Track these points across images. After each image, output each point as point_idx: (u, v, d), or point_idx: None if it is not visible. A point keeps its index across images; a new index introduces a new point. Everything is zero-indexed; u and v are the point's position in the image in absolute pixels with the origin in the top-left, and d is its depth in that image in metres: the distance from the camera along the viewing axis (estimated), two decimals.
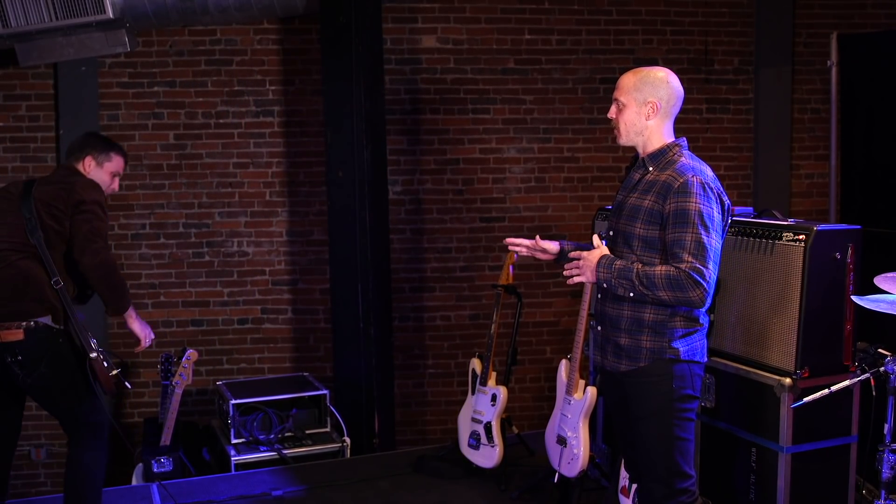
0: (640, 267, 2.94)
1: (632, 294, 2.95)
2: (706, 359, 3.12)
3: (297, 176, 5.83)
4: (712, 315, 3.80)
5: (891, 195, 5.15)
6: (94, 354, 3.67)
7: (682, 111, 3.13)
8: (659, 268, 2.91)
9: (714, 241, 2.89)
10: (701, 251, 2.85)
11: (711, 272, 2.86)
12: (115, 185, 3.99)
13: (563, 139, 6.03)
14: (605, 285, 3.03)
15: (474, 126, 5.96)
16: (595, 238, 3.16)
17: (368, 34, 5.16)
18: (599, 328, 3.18)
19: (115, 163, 3.95)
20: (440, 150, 5.94)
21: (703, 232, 2.86)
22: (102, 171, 3.89)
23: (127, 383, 4.08)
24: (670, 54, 6.03)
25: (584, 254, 3.07)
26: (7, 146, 5.63)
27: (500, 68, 5.93)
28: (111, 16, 4.76)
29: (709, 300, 2.88)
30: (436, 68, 5.88)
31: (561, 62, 5.98)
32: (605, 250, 3.06)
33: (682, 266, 2.85)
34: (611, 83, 5.97)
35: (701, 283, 2.83)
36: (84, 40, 4.90)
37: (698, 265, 2.84)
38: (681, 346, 2.99)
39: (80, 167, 3.87)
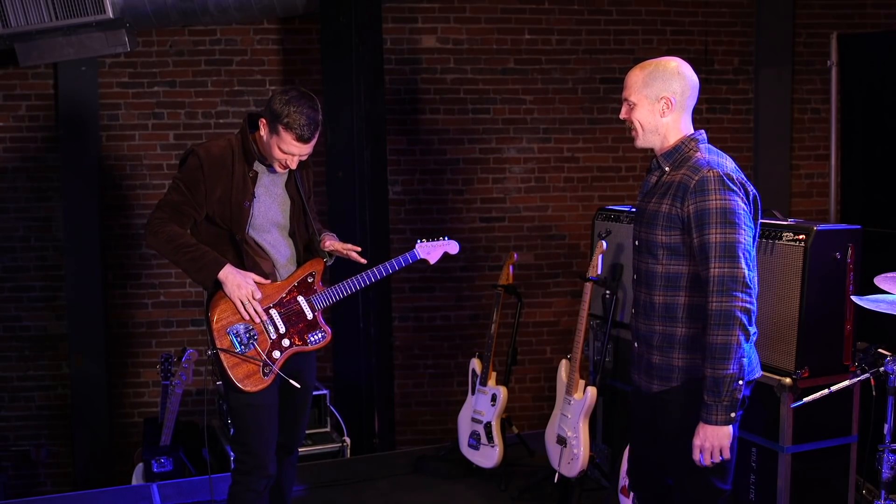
0: (707, 367, 2.65)
1: (740, 382, 2.64)
2: (756, 375, 2.86)
3: None
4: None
5: (891, 195, 5.15)
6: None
7: None
8: (707, 336, 2.64)
9: (742, 237, 2.66)
10: (728, 251, 2.64)
11: (743, 270, 2.63)
12: (289, 163, 3.23)
13: (563, 139, 6.03)
14: (733, 414, 2.67)
15: (474, 126, 5.96)
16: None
17: (368, 34, 5.16)
18: (636, 345, 2.98)
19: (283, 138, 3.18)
20: (440, 150, 5.94)
21: (728, 230, 2.65)
22: (272, 143, 3.21)
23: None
24: (670, 54, 5.99)
25: (697, 443, 2.72)
26: (7, 146, 5.63)
27: (500, 68, 5.93)
28: (111, 16, 4.76)
29: (752, 295, 2.65)
30: (436, 68, 5.88)
31: (561, 62, 5.98)
32: (700, 427, 2.71)
33: (712, 275, 2.64)
34: (611, 83, 6.03)
35: (735, 288, 2.62)
36: (84, 40, 4.90)
37: (727, 269, 2.63)
38: None
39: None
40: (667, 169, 2.84)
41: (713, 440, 2.69)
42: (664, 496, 3.04)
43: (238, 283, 3.17)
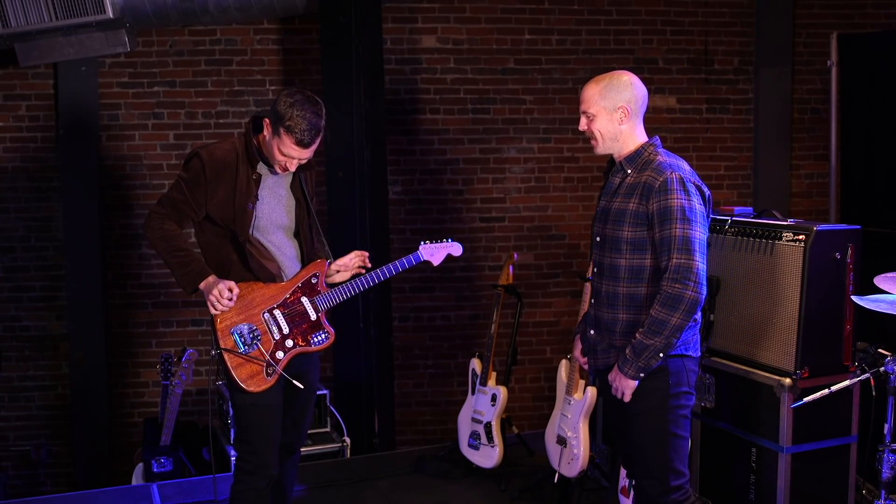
0: (640, 331, 2.96)
1: (661, 354, 2.95)
2: (699, 353, 3.13)
3: None
4: (712, 315, 3.80)
5: (891, 195, 5.15)
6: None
7: (681, 111, 3.14)
8: (652, 309, 2.94)
9: (698, 234, 2.95)
10: (686, 245, 2.91)
11: (698, 262, 2.92)
12: (288, 165, 3.26)
13: (563, 139, 6.03)
14: (642, 374, 2.99)
15: (474, 126, 5.96)
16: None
17: (368, 34, 5.16)
18: (592, 332, 3.20)
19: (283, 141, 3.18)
20: (440, 150, 5.94)
21: (686, 226, 2.92)
22: (273, 144, 3.22)
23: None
24: (670, 54, 6.03)
25: (610, 376, 3.08)
26: (7, 146, 5.63)
27: (500, 68, 5.93)
28: (111, 16, 4.76)
29: (702, 289, 2.92)
30: (436, 68, 5.88)
31: (561, 62, 5.98)
32: (615, 367, 3.04)
33: (671, 264, 2.91)
34: None
35: (689, 278, 2.89)
36: (84, 40, 4.90)
37: (684, 259, 2.90)
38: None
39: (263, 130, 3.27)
40: (629, 171, 3.09)
41: (622, 385, 3.04)
42: None
43: (215, 283, 3.21)
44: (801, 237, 3.46)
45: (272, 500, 3.48)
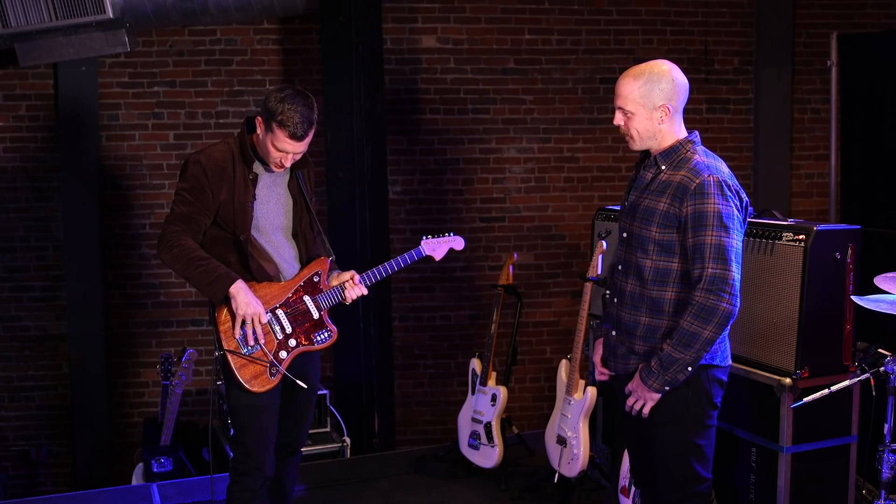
0: (668, 342, 2.82)
1: (690, 368, 2.81)
2: (729, 362, 2.99)
3: None
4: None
5: (891, 195, 5.15)
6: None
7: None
8: (682, 321, 2.79)
9: (735, 242, 2.80)
10: (722, 254, 2.76)
11: (734, 273, 2.77)
12: (284, 161, 3.24)
13: (563, 139, 6.03)
14: (667, 388, 2.85)
15: (474, 126, 5.96)
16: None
17: (368, 34, 5.16)
18: (614, 333, 3.05)
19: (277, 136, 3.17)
20: (440, 150, 5.94)
21: (722, 233, 2.77)
22: (267, 140, 3.21)
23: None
24: (670, 54, 6.02)
25: (629, 386, 2.95)
26: (7, 146, 5.63)
27: (500, 68, 5.94)
28: (111, 16, 4.77)
29: (737, 301, 2.78)
30: (436, 68, 5.89)
31: (561, 62, 5.98)
32: (636, 376, 2.91)
33: (706, 274, 2.76)
34: (611, 83, 5.94)
35: (724, 290, 2.75)
36: (84, 40, 4.90)
37: (719, 270, 2.75)
38: None
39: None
40: (663, 167, 2.92)
41: (644, 395, 2.92)
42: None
43: (248, 300, 3.15)
44: (801, 237, 3.45)
45: (273, 500, 3.48)
